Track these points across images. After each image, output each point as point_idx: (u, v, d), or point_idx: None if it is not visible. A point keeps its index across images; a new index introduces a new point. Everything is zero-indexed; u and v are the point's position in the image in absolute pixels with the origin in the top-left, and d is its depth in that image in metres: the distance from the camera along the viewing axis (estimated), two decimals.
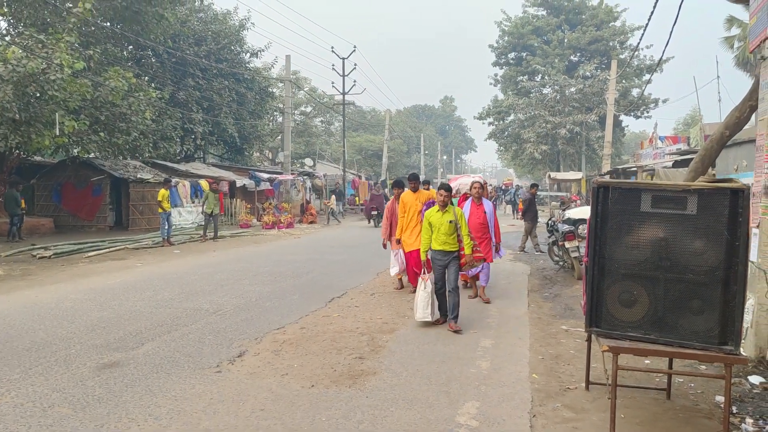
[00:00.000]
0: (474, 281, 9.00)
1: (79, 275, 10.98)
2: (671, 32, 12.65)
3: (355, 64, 40.62)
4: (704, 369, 5.44)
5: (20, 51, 14.00)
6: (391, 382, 5.07)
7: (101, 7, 19.06)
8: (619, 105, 36.00)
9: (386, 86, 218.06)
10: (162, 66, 23.33)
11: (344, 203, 33.08)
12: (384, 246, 9.90)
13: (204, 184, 22.08)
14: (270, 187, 27.37)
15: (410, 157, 70.33)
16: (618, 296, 4.01)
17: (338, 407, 4.49)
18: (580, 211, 19.20)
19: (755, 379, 5.18)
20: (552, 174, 38.30)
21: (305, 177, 31.98)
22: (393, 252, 9.23)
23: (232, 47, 27.10)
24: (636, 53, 34.90)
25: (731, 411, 4.33)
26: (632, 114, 39.90)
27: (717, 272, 3.73)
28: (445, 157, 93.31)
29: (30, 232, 17.46)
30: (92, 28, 18.72)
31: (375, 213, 24.04)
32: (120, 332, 6.59)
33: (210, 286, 9.66)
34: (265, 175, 27.53)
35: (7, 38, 17.14)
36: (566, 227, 11.19)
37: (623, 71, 33.91)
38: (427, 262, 7.21)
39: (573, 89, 38.98)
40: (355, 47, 34.13)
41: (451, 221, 6.83)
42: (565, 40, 41.98)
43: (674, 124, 54.96)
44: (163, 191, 16.50)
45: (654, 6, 12.96)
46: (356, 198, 37.85)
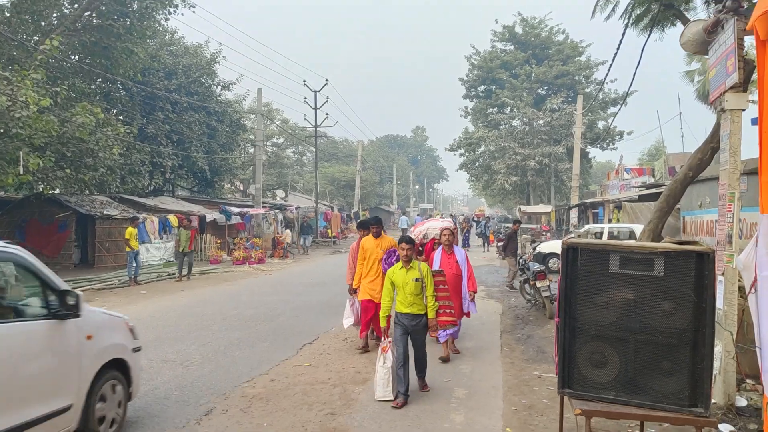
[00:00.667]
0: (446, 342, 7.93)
1: None
2: (634, 73, 13.15)
3: (327, 97, 40.58)
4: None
5: None
6: None
7: (69, 43, 18.85)
8: (586, 138, 36.89)
9: (358, 117, 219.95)
10: (131, 99, 23.04)
11: (314, 236, 32.74)
12: (350, 292, 8.87)
13: (173, 220, 21.70)
14: (241, 221, 27.03)
15: (383, 187, 70.50)
16: (589, 357, 4.02)
17: None
18: (550, 245, 19.58)
19: (725, 428, 5.21)
20: (522, 207, 39.24)
21: (276, 210, 31.70)
22: (349, 300, 8.55)
23: (203, 80, 27.00)
24: (601, 88, 35.96)
25: None
26: (598, 146, 40.85)
27: (685, 334, 3.77)
28: (418, 186, 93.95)
29: None
30: (61, 63, 18.45)
31: None
32: None
33: (177, 333, 9.40)
34: (236, 209, 27.17)
35: None
36: (537, 266, 11.28)
37: (589, 105, 34.85)
38: (386, 329, 6.57)
39: (541, 122, 39.81)
40: (327, 80, 34.44)
41: (417, 279, 6.13)
42: (533, 74, 42.98)
43: (639, 155, 56.51)
44: (131, 229, 16.15)
45: (618, 48, 13.49)
46: (329, 230, 37.63)
